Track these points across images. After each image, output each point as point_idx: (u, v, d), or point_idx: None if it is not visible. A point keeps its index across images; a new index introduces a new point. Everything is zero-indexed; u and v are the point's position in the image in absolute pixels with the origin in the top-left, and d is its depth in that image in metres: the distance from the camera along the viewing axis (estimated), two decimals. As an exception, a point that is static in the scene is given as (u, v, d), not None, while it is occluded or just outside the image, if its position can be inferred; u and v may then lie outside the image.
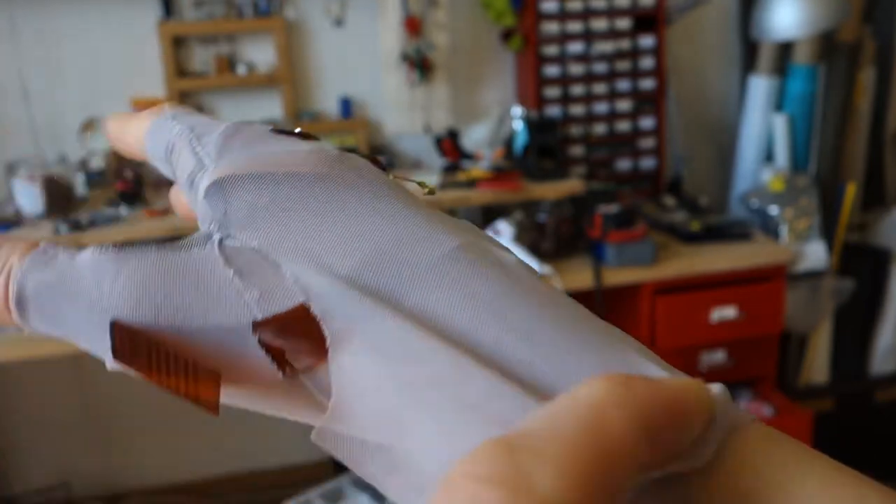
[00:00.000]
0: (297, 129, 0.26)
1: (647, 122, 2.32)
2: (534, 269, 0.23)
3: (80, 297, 0.22)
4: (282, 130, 0.26)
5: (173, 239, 0.24)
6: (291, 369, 0.22)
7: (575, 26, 2.22)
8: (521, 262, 0.23)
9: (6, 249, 0.23)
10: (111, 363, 0.23)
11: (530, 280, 0.22)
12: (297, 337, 0.21)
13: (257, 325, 0.22)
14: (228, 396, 0.23)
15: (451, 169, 2.09)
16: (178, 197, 0.28)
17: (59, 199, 1.87)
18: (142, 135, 0.28)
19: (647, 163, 2.34)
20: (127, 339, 0.22)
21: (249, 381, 0.22)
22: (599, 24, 2.23)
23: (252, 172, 0.24)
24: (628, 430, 0.16)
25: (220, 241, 0.23)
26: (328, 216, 0.23)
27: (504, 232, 1.83)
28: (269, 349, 0.22)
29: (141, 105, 2.13)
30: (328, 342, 0.21)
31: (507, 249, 0.24)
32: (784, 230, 2.11)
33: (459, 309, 0.21)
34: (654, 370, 0.20)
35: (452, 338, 0.20)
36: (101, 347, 0.23)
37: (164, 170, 0.28)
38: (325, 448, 0.22)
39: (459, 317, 0.21)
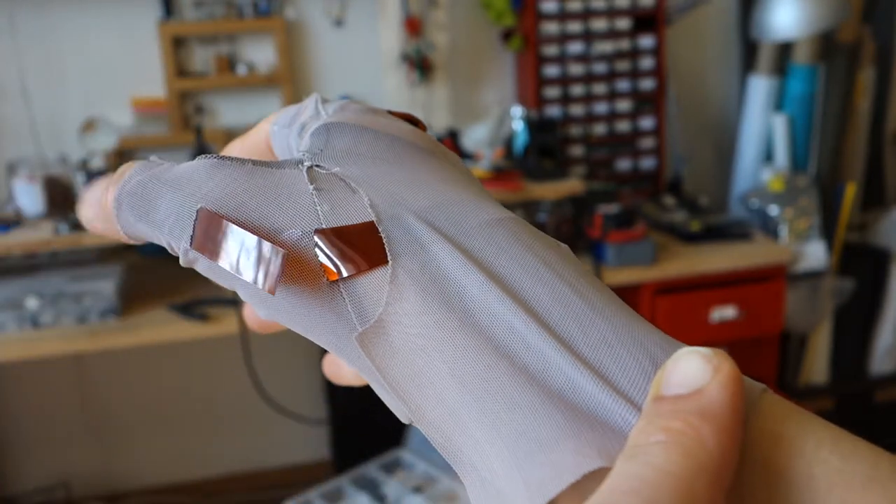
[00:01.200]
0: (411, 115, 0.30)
1: (647, 122, 2.32)
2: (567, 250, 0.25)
3: (176, 189, 0.25)
4: (395, 112, 0.29)
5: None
6: (335, 276, 0.23)
7: (575, 26, 2.22)
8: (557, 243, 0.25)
9: (126, 166, 0.27)
10: (184, 256, 0.25)
11: (571, 256, 0.24)
12: (353, 245, 0.23)
13: (320, 230, 0.24)
14: (273, 299, 0.25)
15: (451, 169, 2.08)
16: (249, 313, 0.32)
17: (59, 199, 1.87)
18: (269, 125, 0.31)
19: (647, 163, 2.34)
20: (206, 225, 0.24)
21: (298, 282, 0.24)
22: (599, 24, 2.23)
23: (358, 124, 0.27)
24: (716, 494, 0.16)
25: (309, 168, 0.25)
26: (411, 171, 0.26)
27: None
28: (324, 252, 0.24)
29: (142, 105, 2.13)
30: (388, 255, 0.23)
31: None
32: (784, 230, 2.11)
33: (520, 268, 0.22)
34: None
35: (515, 294, 0.22)
36: (180, 238, 0.25)
37: (281, 140, 0.30)
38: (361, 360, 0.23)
39: (520, 276, 0.22)
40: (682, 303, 1.91)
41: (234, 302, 1.78)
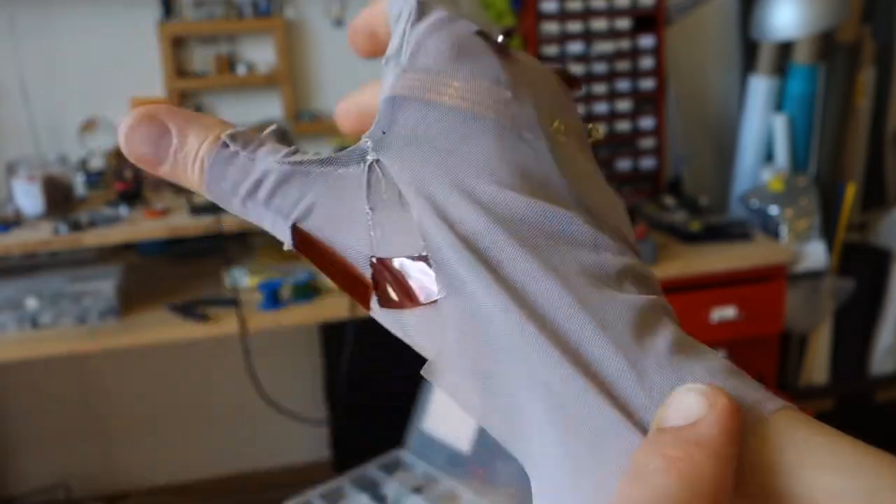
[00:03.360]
0: (500, 38, 0.27)
1: (647, 122, 2.32)
2: None
3: (256, 197, 0.26)
4: (485, 34, 0.27)
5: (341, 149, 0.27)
6: (386, 305, 0.25)
7: (575, 26, 2.21)
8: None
9: (192, 138, 0.27)
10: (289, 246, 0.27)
11: None
12: (399, 279, 0.24)
13: (372, 263, 0.25)
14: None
15: (451, 169, 2.08)
16: (347, 111, 0.32)
17: (59, 199, 1.87)
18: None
19: (647, 163, 2.34)
20: (300, 239, 0.26)
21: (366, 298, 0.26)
22: (599, 24, 2.23)
23: (424, 99, 0.26)
24: None
25: (370, 166, 0.25)
26: (473, 167, 0.25)
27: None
28: (375, 283, 0.25)
29: (141, 105, 2.12)
30: (434, 296, 0.23)
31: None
32: (784, 230, 2.11)
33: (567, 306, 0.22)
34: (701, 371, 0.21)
35: (556, 332, 0.22)
36: (279, 232, 0.26)
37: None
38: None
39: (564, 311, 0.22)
40: (681, 303, 1.91)
41: (233, 302, 1.78)
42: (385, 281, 0.24)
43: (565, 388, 0.21)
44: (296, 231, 0.25)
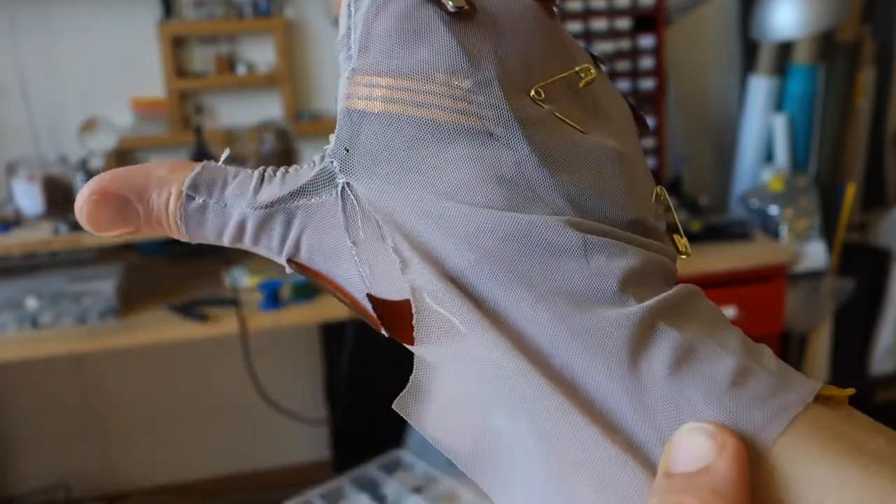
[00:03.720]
0: (451, 5, 0.24)
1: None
2: None
3: (243, 242, 0.26)
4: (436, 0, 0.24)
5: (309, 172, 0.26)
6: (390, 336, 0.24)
7: (575, 26, 2.21)
8: None
9: (154, 198, 0.25)
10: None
11: None
12: (394, 318, 0.23)
13: (370, 299, 0.24)
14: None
15: (451, 169, 2.08)
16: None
17: (59, 199, 1.87)
18: None
19: (647, 163, 2.34)
20: (300, 269, 0.25)
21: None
22: (599, 24, 2.23)
23: (381, 111, 0.24)
24: None
25: (343, 193, 0.24)
26: (445, 186, 0.23)
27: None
28: (378, 316, 0.24)
29: (141, 105, 2.13)
30: (429, 338, 0.23)
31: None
32: (784, 230, 2.11)
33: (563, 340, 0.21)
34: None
35: (545, 365, 0.21)
36: (277, 262, 0.26)
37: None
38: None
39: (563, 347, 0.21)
40: (682, 303, 1.91)
41: (233, 302, 1.78)
42: (385, 316, 0.23)
43: (556, 422, 0.20)
44: (292, 263, 0.25)
